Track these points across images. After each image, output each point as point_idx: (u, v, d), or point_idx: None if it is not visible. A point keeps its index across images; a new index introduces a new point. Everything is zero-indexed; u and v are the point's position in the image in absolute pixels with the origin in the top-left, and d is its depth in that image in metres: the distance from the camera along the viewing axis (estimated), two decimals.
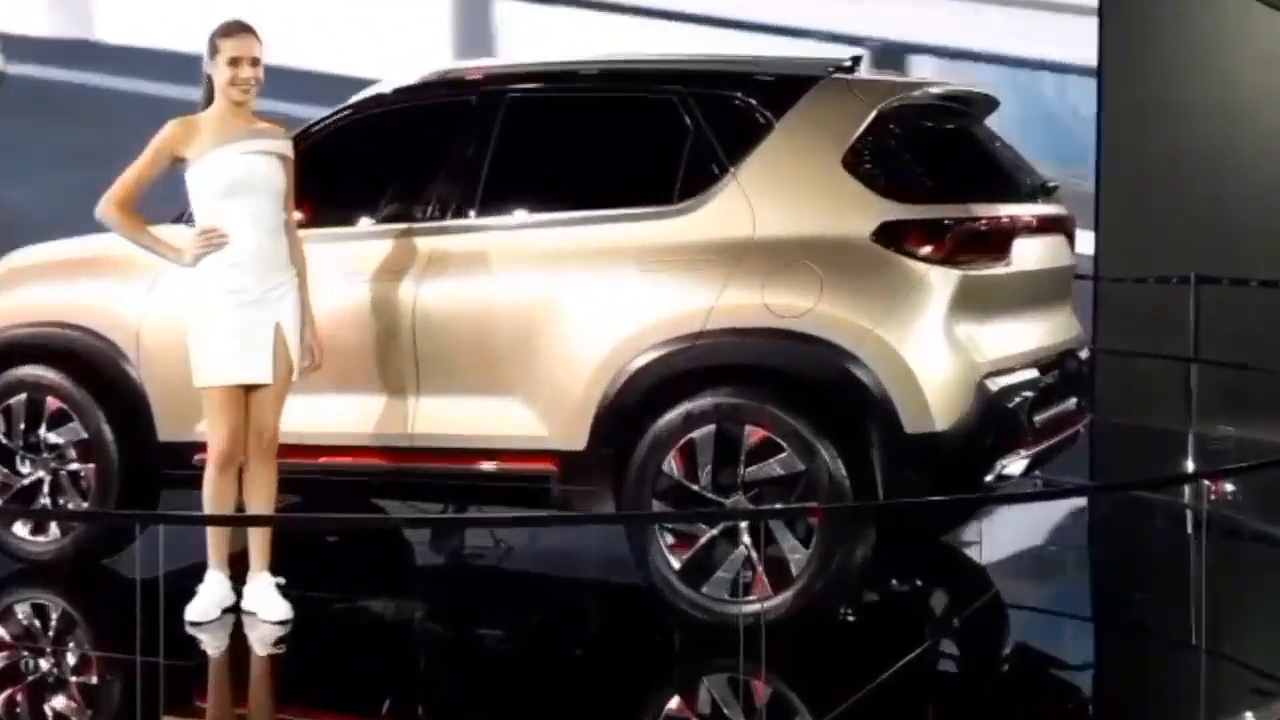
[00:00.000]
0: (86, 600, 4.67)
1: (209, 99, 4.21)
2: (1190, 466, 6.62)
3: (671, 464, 4.15)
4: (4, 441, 4.84)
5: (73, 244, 4.98)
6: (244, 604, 4.31)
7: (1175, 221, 8.25)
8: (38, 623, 4.59)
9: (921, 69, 8.40)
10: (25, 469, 4.83)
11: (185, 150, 4.16)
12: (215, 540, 4.23)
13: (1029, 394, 4.27)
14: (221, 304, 4.14)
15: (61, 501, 4.80)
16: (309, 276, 4.30)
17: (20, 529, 4.85)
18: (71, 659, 4.27)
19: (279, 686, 4.12)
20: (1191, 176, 8.31)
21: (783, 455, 4.05)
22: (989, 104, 4.88)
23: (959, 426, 4.03)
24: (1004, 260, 4.24)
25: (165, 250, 4.23)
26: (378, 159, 4.80)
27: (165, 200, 4.43)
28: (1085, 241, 6.80)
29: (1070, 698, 4.24)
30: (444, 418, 4.42)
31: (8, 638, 4.38)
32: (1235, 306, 7.39)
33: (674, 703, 3.96)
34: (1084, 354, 5.04)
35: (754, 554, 4.06)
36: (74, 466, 4.77)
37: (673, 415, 4.13)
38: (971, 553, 5.49)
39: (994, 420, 4.11)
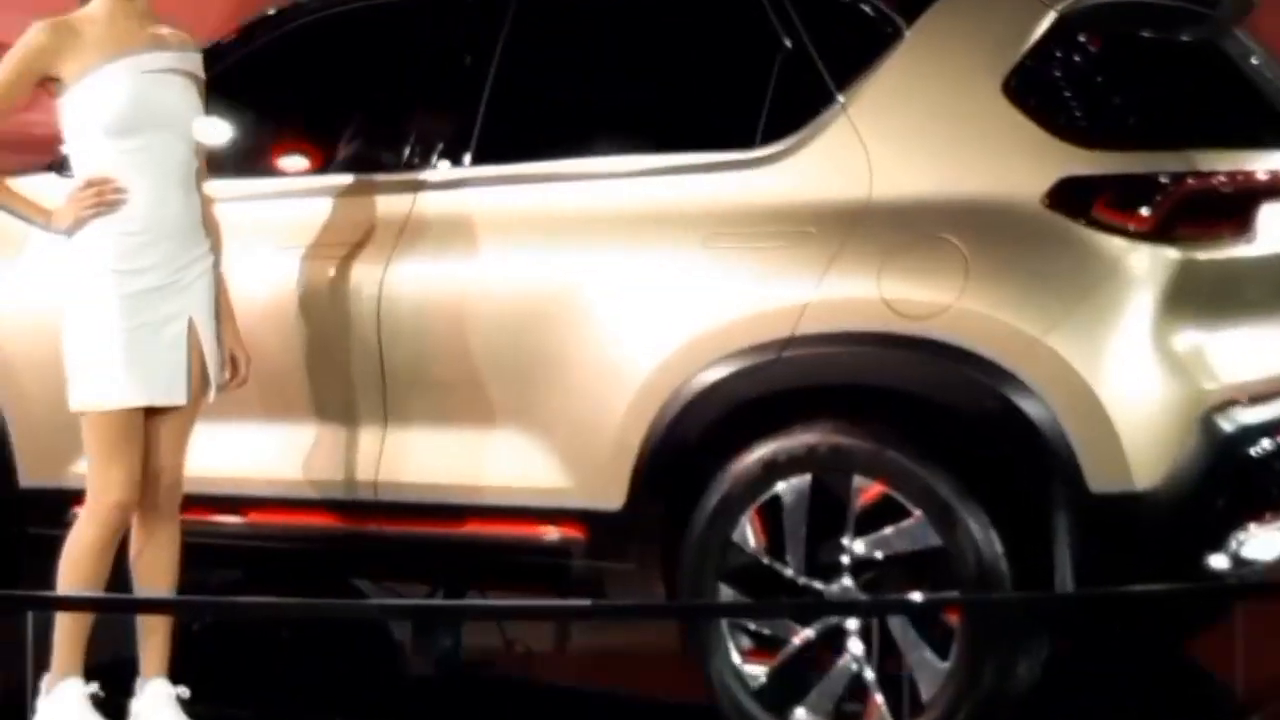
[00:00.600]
0: None
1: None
2: None
3: (746, 532, 3.06)
4: None
5: None
6: (136, 710, 3.15)
7: None
8: None
9: None
10: None
11: (60, 67, 3.06)
12: (70, 634, 3.05)
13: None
14: (113, 291, 3.02)
15: None
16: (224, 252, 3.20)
17: None
18: None
19: None
20: None
21: (909, 522, 2.94)
22: (1241, 7, 3.71)
23: (1173, 484, 2.90)
24: (1248, 236, 3.11)
25: (30, 212, 3.12)
26: (324, 81, 3.79)
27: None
28: None
29: None
30: (421, 461, 3.34)
31: None
32: None
33: None
34: None
35: (867, 668, 2.97)
36: None
37: (749, 461, 3.03)
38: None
39: (1229, 474, 3.00)
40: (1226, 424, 2.98)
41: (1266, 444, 3.06)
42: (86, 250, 3.03)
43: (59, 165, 3.36)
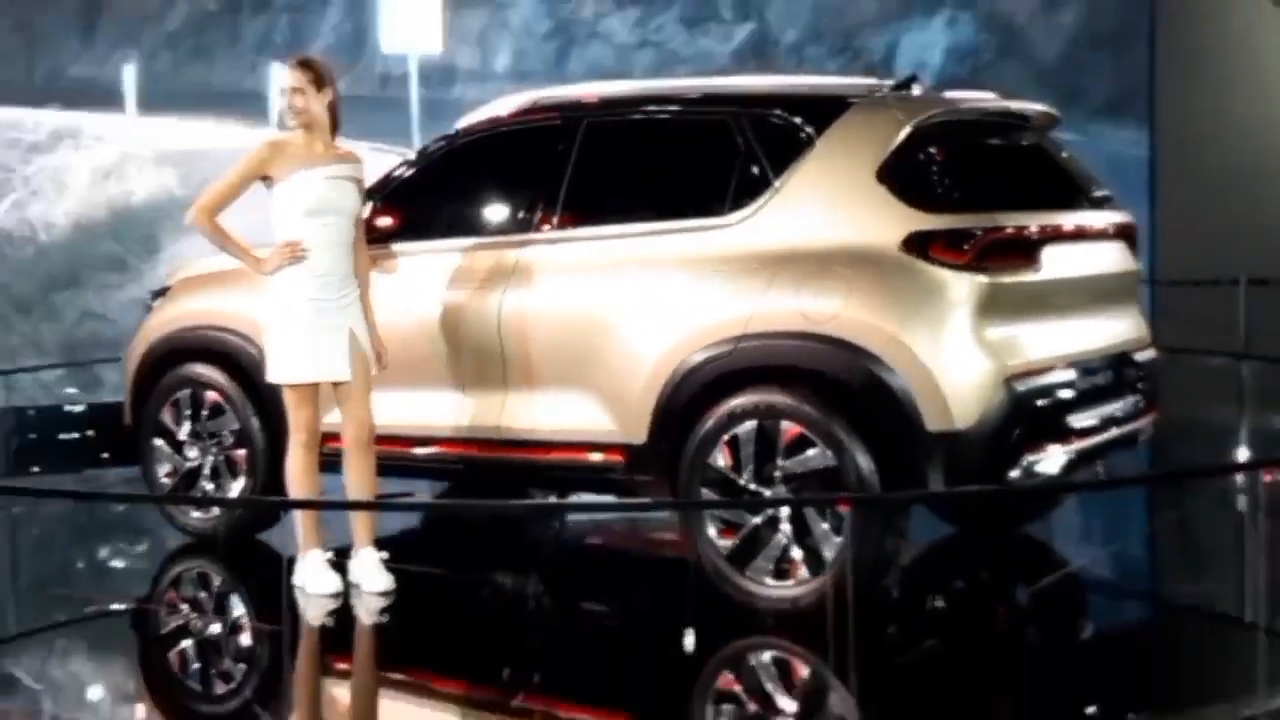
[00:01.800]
0: (239, 570, 5.42)
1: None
2: (1244, 456, 6.81)
3: (718, 457, 4.50)
4: (172, 430, 5.63)
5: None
6: (350, 576, 4.85)
7: (1225, 228, 8.86)
8: (198, 590, 5.37)
9: None
10: (191, 454, 5.60)
11: (273, 170, 4.72)
12: (309, 522, 4.82)
13: (1062, 394, 4.46)
14: (302, 308, 4.69)
15: (219, 484, 5.53)
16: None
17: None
18: (206, 622, 5.01)
19: (381, 653, 4.59)
20: (1240, 187, 8.94)
21: (816, 451, 4.36)
22: (1048, 119, 5.06)
23: (980, 425, 4.25)
24: (1033, 267, 4.42)
25: (249, 259, 4.78)
26: (477, 178, 5.30)
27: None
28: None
29: (1130, 670, 4.38)
30: (526, 413, 4.90)
31: (172, 602, 5.17)
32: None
33: (717, 677, 4.26)
34: (1146, 356, 5.13)
35: (792, 541, 4.40)
36: (232, 452, 5.50)
37: (719, 412, 4.49)
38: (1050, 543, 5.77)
39: (1017, 419, 4.30)
40: (1018, 386, 4.31)
41: (1043, 400, 4.38)
42: (288, 282, 4.69)
43: None
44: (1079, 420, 4.56)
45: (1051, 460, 4.42)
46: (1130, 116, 9.69)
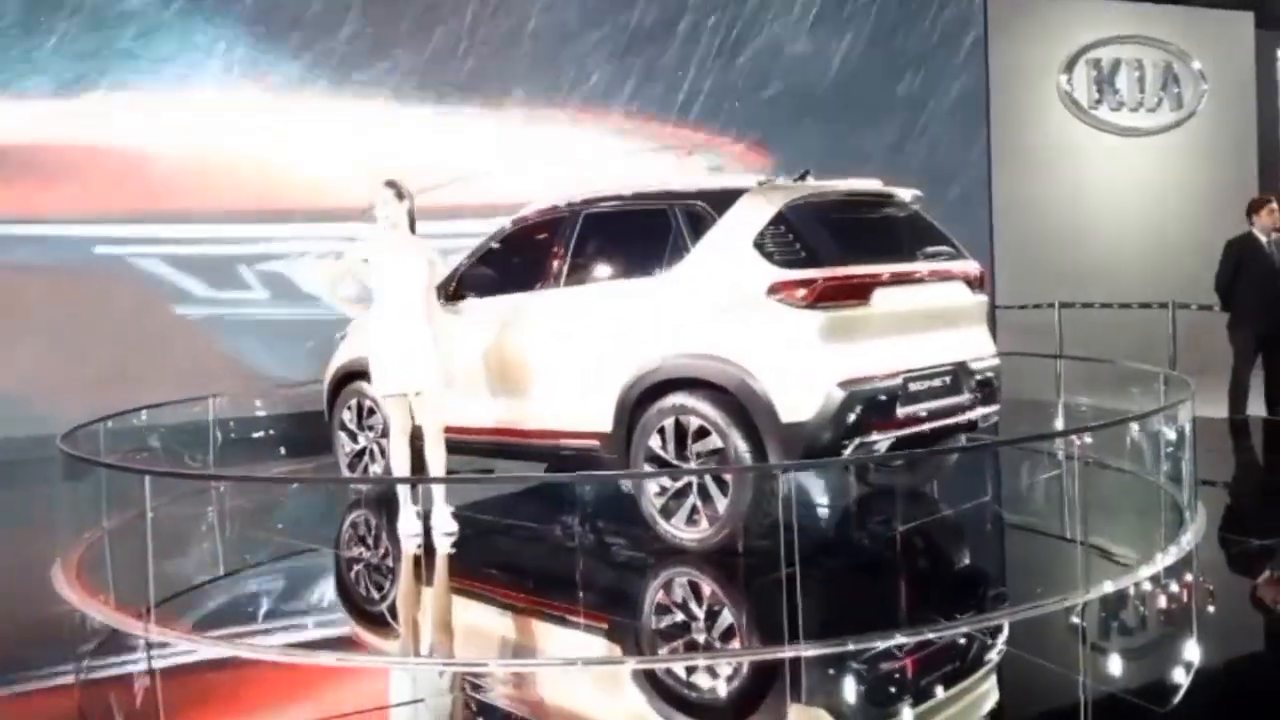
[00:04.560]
0: (381, 519, 7.61)
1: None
2: (1060, 426, 9.13)
3: (654, 441, 6.22)
4: (349, 425, 7.89)
5: None
6: (432, 522, 6.88)
7: (1043, 269, 13.35)
8: (358, 531, 7.62)
9: None
10: (359, 441, 7.93)
11: (368, 254, 6.88)
12: (405, 488, 6.95)
13: (887, 394, 5.91)
14: (390, 342, 6.76)
15: (373, 460, 7.82)
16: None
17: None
18: (354, 551, 7.19)
19: (451, 572, 6.49)
20: (1053, 241, 13.79)
21: (712, 437, 6.01)
22: (912, 198, 6.69)
23: (818, 417, 5.77)
24: (864, 303, 5.92)
25: (350, 309, 7.05)
26: (521, 252, 7.26)
27: None
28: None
29: (981, 578, 6.15)
30: (541, 413, 6.83)
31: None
32: (1086, 321, 11.60)
33: (651, 590, 5.93)
34: (985, 364, 6.62)
35: (699, 499, 6.10)
36: (381, 440, 7.78)
37: (653, 411, 6.24)
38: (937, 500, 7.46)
39: (846, 412, 5.78)
40: (849, 389, 5.77)
41: (870, 398, 5.83)
42: (376, 326, 6.89)
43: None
44: (905, 412, 6.02)
45: (881, 442, 5.91)
46: (977, 198, 13.40)
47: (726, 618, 5.55)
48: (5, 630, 5.81)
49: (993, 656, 4.90)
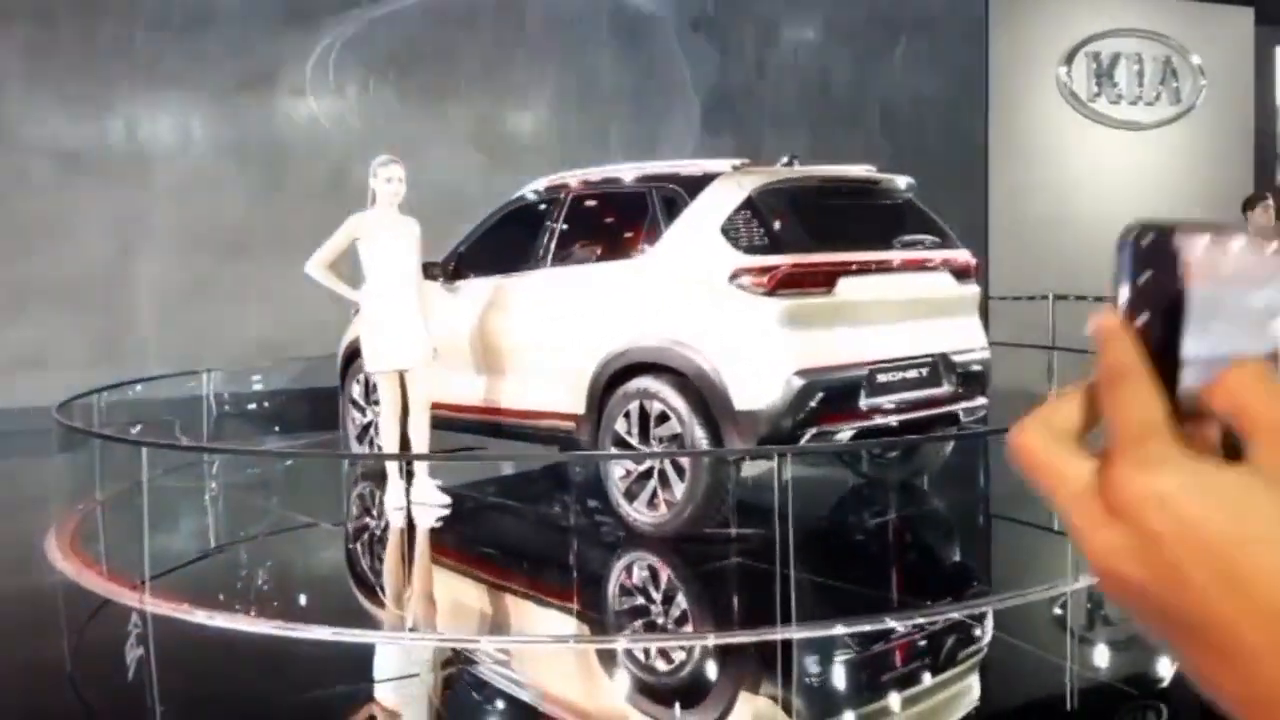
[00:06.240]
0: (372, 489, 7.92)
1: (373, 201, 7.10)
2: None
3: (620, 424, 6.39)
4: (358, 399, 8.14)
5: None
6: (413, 496, 7.16)
7: (1037, 261, 13.29)
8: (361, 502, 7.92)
9: None
10: (367, 415, 8.23)
11: (359, 234, 7.04)
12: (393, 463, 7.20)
13: (845, 386, 5.97)
14: (383, 320, 6.99)
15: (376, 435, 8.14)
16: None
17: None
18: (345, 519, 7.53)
19: (436, 545, 6.76)
20: (1046, 233, 13.66)
21: (672, 421, 6.16)
22: (903, 184, 6.72)
23: (773, 406, 5.86)
24: (827, 291, 5.95)
25: (345, 292, 7.13)
26: (514, 233, 7.44)
27: None
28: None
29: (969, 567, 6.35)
30: (522, 393, 7.02)
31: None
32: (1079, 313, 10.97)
33: (614, 567, 6.28)
34: (971, 357, 6.61)
35: (661, 481, 6.24)
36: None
37: (619, 394, 6.40)
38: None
39: (803, 402, 5.87)
40: (804, 379, 5.85)
41: (828, 389, 5.91)
42: (370, 305, 7.09)
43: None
44: (871, 403, 6.09)
45: (841, 432, 6.00)
46: (974, 188, 13.49)
47: (713, 600, 5.71)
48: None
49: (980, 644, 5.02)
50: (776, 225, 6.18)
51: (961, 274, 6.71)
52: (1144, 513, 0.53)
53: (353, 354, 8.10)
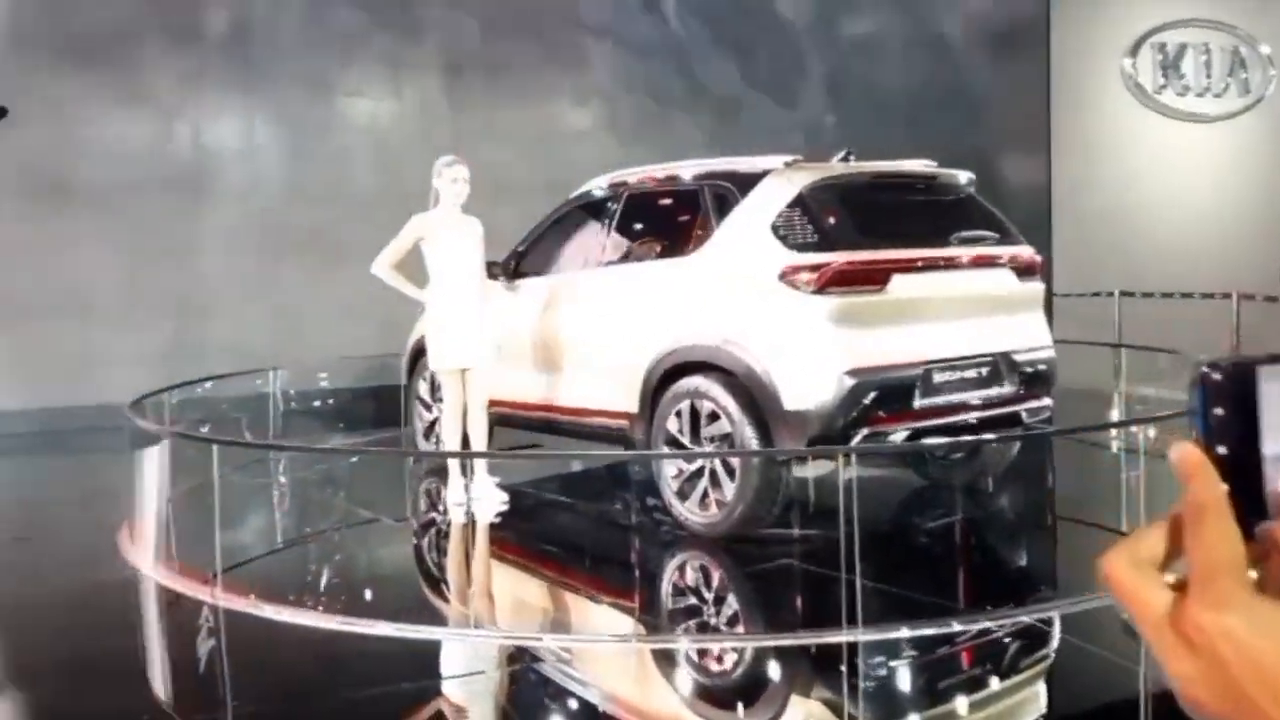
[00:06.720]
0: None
1: (436, 202, 7.24)
2: (1117, 417, 8.99)
3: (672, 423, 6.42)
4: (424, 397, 8.25)
5: None
6: (472, 492, 7.30)
7: (1101, 257, 12.85)
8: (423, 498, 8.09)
9: None
10: (434, 411, 8.38)
11: (424, 234, 7.18)
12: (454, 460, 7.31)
13: (899, 385, 5.89)
14: (447, 319, 7.13)
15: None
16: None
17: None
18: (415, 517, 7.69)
19: (496, 541, 6.92)
20: (1111, 229, 13.15)
21: (722, 421, 6.16)
22: (963, 179, 6.62)
23: (823, 405, 5.81)
24: (880, 289, 5.86)
25: (411, 291, 7.25)
26: (572, 232, 7.55)
27: None
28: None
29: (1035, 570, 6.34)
30: (578, 392, 7.09)
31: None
32: (1146, 310, 11.23)
33: (666, 567, 6.37)
34: (1034, 355, 6.48)
35: (711, 479, 6.26)
36: None
37: (670, 394, 6.43)
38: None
39: (853, 402, 5.79)
40: (856, 378, 5.79)
41: (880, 388, 5.84)
42: (436, 305, 7.29)
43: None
44: (925, 403, 6.01)
45: (895, 432, 5.90)
46: (1037, 184, 13.23)
47: (775, 601, 5.74)
48: (75, 595, 6.16)
49: (1049, 648, 4.98)
50: (828, 222, 6.12)
51: (1024, 270, 6.59)
52: (1213, 644, 0.63)
53: (419, 352, 8.23)
